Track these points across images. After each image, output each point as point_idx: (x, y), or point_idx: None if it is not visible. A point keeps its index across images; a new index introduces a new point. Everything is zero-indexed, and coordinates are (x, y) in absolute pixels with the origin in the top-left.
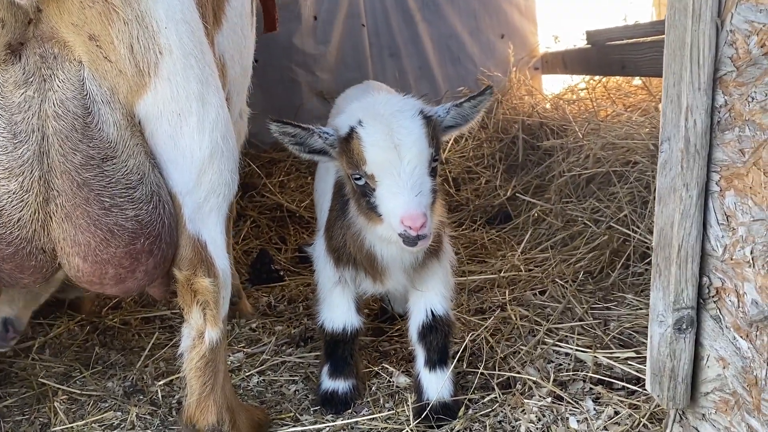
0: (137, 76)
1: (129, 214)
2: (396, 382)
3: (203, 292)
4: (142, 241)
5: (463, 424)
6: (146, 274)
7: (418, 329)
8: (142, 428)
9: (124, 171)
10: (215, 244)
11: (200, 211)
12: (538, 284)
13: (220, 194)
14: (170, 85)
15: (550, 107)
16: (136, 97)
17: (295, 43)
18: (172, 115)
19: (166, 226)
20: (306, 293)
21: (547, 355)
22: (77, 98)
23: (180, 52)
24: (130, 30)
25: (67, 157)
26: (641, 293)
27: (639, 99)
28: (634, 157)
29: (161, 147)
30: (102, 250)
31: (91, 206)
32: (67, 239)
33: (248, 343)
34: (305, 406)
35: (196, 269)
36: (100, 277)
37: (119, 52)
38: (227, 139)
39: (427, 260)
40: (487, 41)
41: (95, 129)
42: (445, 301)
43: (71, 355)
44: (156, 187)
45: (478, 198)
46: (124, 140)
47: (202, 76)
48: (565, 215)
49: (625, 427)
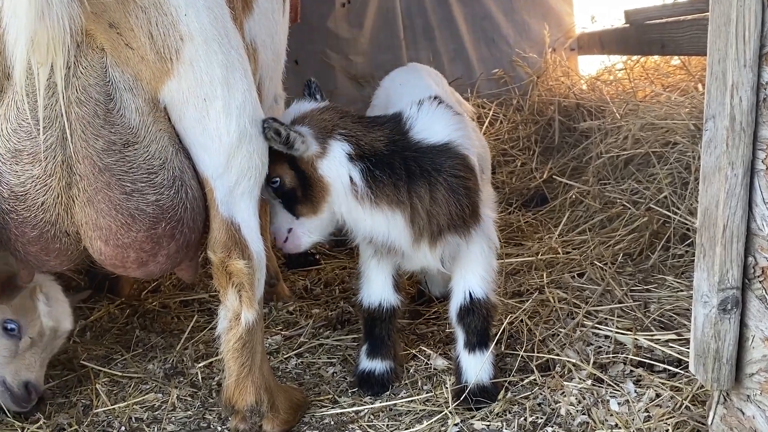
0: (159, 63)
1: (150, 198)
2: (434, 364)
3: (238, 274)
4: (163, 225)
5: (502, 407)
6: (168, 258)
7: (456, 311)
8: (183, 410)
9: (145, 156)
10: (248, 227)
11: (232, 195)
12: (576, 267)
13: (251, 177)
14: (194, 71)
15: (587, 88)
16: (159, 83)
17: (328, 27)
18: (197, 100)
19: (189, 211)
20: (342, 276)
21: (586, 337)
22: (99, 84)
23: (202, 38)
24: (149, 17)
25: (89, 142)
26: (682, 275)
27: (678, 79)
28: (674, 138)
29: (190, 131)
30: (123, 234)
31: (113, 191)
32: (89, 223)
33: (286, 326)
34: (343, 388)
35: (230, 252)
36: (122, 261)
37: (139, 39)
38: (256, 122)
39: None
40: (522, 22)
41: (117, 115)
42: (484, 283)
43: (112, 338)
44: (179, 172)
45: (514, 180)
46: (146, 126)
47: (227, 61)
48: (603, 197)
49: (666, 410)
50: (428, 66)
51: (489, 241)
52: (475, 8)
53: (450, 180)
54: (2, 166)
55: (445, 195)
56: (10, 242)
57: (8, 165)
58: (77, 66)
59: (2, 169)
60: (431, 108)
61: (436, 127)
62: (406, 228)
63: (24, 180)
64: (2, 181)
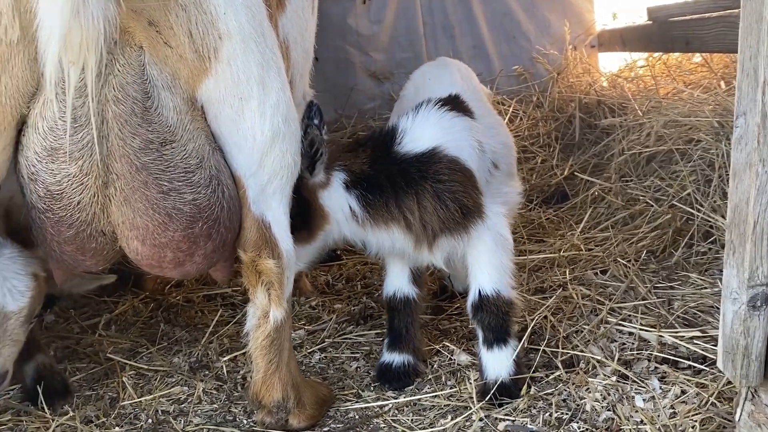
0: (198, 61)
1: (187, 198)
2: (457, 360)
3: (268, 273)
4: (200, 225)
5: (527, 402)
6: (205, 258)
7: (470, 308)
8: (209, 403)
9: (182, 155)
10: (279, 225)
11: (264, 193)
12: (599, 263)
13: (283, 176)
14: (231, 70)
15: (608, 85)
16: (197, 82)
17: (349, 23)
18: (233, 99)
19: (225, 210)
20: (363, 272)
21: (610, 334)
22: (137, 83)
23: (240, 36)
24: (188, 16)
25: (126, 141)
26: (705, 272)
27: (700, 76)
28: (698, 135)
29: (225, 130)
30: (160, 234)
31: (150, 190)
32: (126, 222)
33: (309, 321)
34: (367, 383)
35: (260, 251)
36: (159, 261)
37: (179, 37)
38: (289, 121)
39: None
40: (543, 19)
41: (154, 113)
42: (494, 279)
43: (137, 332)
44: (215, 171)
45: (534, 177)
46: (184, 124)
47: (263, 60)
48: (626, 194)
49: (692, 406)
50: (458, 61)
51: (496, 236)
52: (495, 5)
53: (435, 186)
54: (38, 165)
55: (432, 201)
56: (46, 241)
57: (44, 163)
58: (114, 64)
59: (38, 167)
60: (426, 114)
61: (425, 134)
62: (405, 238)
63: (60, 179)
64: (38, 179)
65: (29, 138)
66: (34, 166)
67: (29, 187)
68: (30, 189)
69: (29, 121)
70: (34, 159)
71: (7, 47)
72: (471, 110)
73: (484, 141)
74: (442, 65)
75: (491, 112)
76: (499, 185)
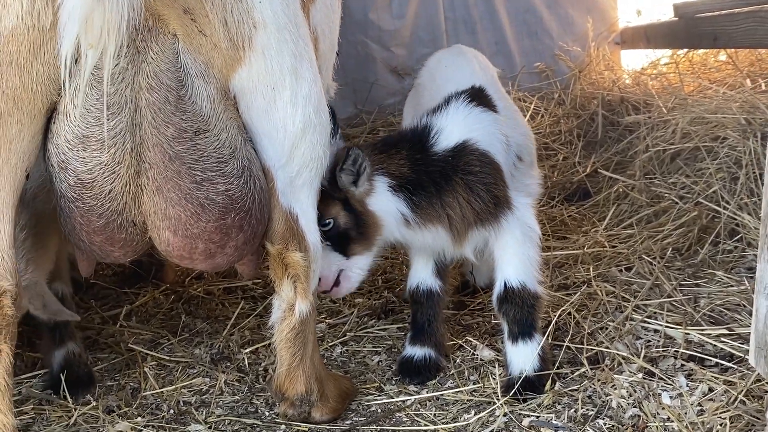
0: (232, 50)
1: (220, 188)
2: (480, 355)
3: (294, 266)
4: (232, 215)
5: (551, 399)
6: (236, 250)
7: (496, 300)
8: (231, 394)
9: (216, 145)
10: (306, 217)
11: (293, 185)
12: (623, 260)
13: (313, 168)
14: (264, 59)
15: (631, 82)
16: (230, 71)
17: (371, 18)
18: (266, 89)
19: (257, 202)
20: (384, 267)
21: (635, 331)
22: (171, 71)
23: (274, 26)
24: (224, 4)
25: (160, 129)
26: (731, 270)
27: (725, 74)
28: (725, 132)
29: (256, 120)
30: (192, 225)
31: (183, 180)
32: (158, 213)
33: (330, 314)
34: (389, 377)
35: (287, 243)
36: (190, 252)
37: (213, 26)
38: (320, 113)
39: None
40: (566, 15)
41: (188, 102)
42: (520, 271)
43: (157, 323)
44: (247, 161)
45: (556, 174)
46: (217, 113)
47: (296, 50)
48: (650, 191)
49: (720, 404)
50: (473, 48)
51: (525, 227)
52: (518, 1)
53: (467, 178)
54: (69, 153)
55: (466, 195)
56: (75, 231)
57: (75, 151)
58: (148, 51)
59: (69, 155)
60: (456, 109)
61: (457, 129)
62: (447, 235)
63: (92, 167)
64: (69, 168)
65: (60, 125)
66: (65, 154)
67: (59, 176)
68: (60, 177)
69: (60, 108)
70: (65, 146)
71: (39, 33)
72: (494, 103)
73: (509, 135)
74: (458, 53)
75: (509, 102)
76: (522, 177)
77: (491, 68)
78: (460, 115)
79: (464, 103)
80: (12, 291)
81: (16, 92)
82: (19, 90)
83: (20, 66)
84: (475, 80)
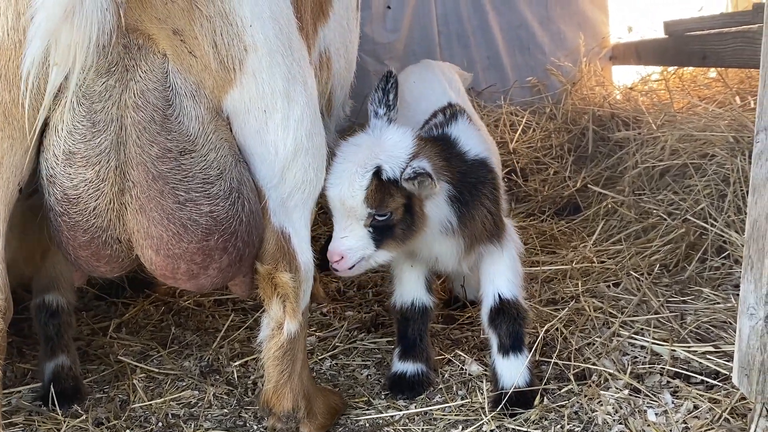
0: (222, 72)
1: (204, 209)
2: (469, 369)
3: (284, 286)
4: (216, 237)
5: (538, 414)
6: (220, 272)
7: (487, 314)
8: (219, 407)
9: (202, 165)
10: (299, 237)
11: (285, 206)
12: (611, 276)
13: (305, 190)
14: (256, 82)
15: (621, 98)
16: (222, 92)
17: (365, 32)
18: (258, 111)
19: (244, 224)
20: (375, 280)
21: (622, 347)
22: (158, 90)
23: (266, 49)
24: (214, 26)
25: (144, 148)
26: (718, 288)
27: (714, 91)
28: (713, 150)
29: (250, 141)
30: (174, 245)
31: (165, 199)
32: (141, 231)
33: (320, 327)
34: (377, 391)
35: (277, 264)
36: (172, 271)
37: (203, 47)
38: (312, 136)
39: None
40: (558, 31)
41: (175, 122)
42: (513, 286)
43: (147, 335)
44: (236, 183)
45: (546, 189)
46: (206, 134)
47: (289, 74)
48: (639, 207)
49: (705, 421)
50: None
51: (514, 242)
52: (510, 16)
53: (488, 192)
54: (56, 168)
55: (485, 208)
56: (62, 245)
57: (62, 167)
58: (137, 70)
59: (56, 170)
60: (464, 125)
61: (469, 143)
62: (461, 248)
63: (77, 183)
64: (56, 182)
65: (49, 140)
66: (53, 169)
67: (48, 190)
68: (48, 191)
69: (50, 123)
70: (53, 161)
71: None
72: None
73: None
74: (426, 68)
75: (477, 116)
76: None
77: (457, 79)
78: (469, 130)
79: (465, 119)
80: (2, 306)
81: (6, 107)
82: (9, 105)
83: (9, 80)
84: (447, 97)
